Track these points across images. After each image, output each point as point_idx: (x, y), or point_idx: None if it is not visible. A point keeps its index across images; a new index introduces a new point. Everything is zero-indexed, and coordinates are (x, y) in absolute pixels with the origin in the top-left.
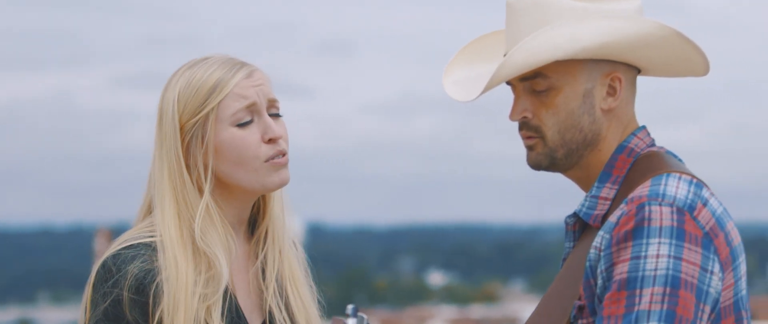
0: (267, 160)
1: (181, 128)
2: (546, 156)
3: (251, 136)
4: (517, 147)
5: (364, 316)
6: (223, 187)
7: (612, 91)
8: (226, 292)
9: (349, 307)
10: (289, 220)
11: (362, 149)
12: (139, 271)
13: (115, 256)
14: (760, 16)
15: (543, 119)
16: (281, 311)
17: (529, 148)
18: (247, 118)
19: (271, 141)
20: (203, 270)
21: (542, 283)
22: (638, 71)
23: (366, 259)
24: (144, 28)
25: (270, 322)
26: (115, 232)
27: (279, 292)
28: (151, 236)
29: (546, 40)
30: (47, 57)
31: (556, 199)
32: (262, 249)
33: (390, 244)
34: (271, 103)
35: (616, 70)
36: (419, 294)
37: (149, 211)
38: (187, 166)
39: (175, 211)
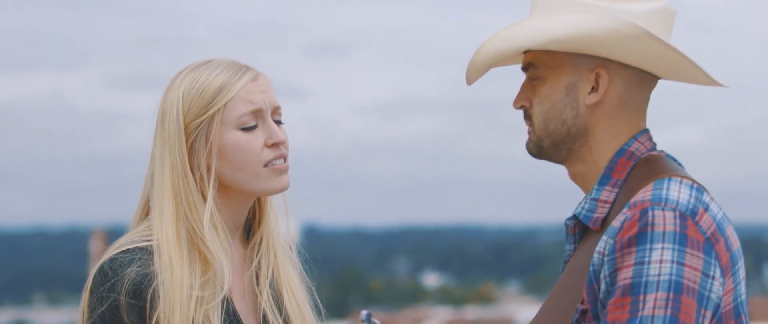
0: (267, 164)
1: (186, 128)
2: (534, 144)
3: (255, 140)
4: (512, 147)
5: (377, 322)
6: (222, 189)
7: (596, 87)
8: (224, 296)
9: (363, 313)
10: (285, 225)
11: (356, 150)
12: (136, 276)
13: (111, 260)
14: (756, 16)
15: (534, 108)
16: (276, 316)
17: (527, 135)
18: (253, 123)
19: (274, 145)
20: (199, 273)
21: (537, 285)
22: (654, 76)
23: (361, 260)
24: (137, 29)
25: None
26: (111, 233)
27: (274, 297)
28: (148, 240)
29: (521, 29)
30: (40, 58)
31: (551, 200)
32: (257, 254)
33: (385, 245)
34: (275, 110)
35: (604, 66)
36: (414, 295)
37: (146, 212)
38: (191, 167)
39: (174, 212)
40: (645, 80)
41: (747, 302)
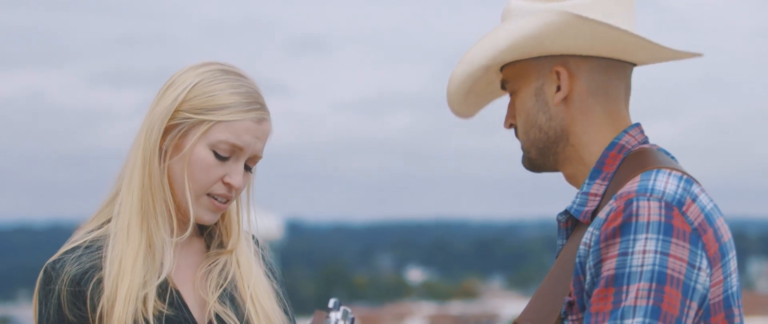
0: (211, 194)
1: (176, 111)
2: (525, 159)
3: (218, 169)
4: (494, 143)
5: (348, 310)
6: (170, 188)
7: (559, 85)
8: (166, 283)
9: (332, 301)
10: (254, 223)
11: (339, 146)
12: (76, 272)
13: (54, 261)
14: (734, 13)
15: (517, 123)
16: (231, 318)
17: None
18: (226, 155)
19: (228, 185)
20: (145, 254)
21: (521, 279)
22: (621, 62)
23: (345, 256)
24: (118, 26)
25: (218, 319)
26: None
27: (235, 304)
28: (93, 233)
29: (472, 51)
30: (21, 55)
31: (534, 195)
32: (216, 259)
33: (369, 241)
34: (253, 158)
35: (562, 64)
36: (398, 290)
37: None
38: (163, 140)
39: (141, 181)
40: (610, 67)
41: (740, 295)
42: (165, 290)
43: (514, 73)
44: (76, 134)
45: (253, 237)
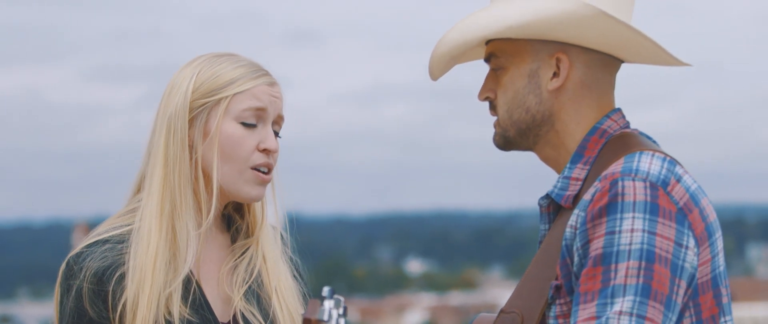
0: (254, 167)
1: (190, 104)
2: (501, 136)
3: (250, 138)
4: (492, 133)
5: (341, 298)
6: (205, 178)
7: (557, 72)
8: (189, 281)
9: (325, 289)
10: (274, 214)
11: (337, 138)
12: (98, 266)
13: (77, 254)
14: None
15: (498, 98)
16: (255, 316)
17: (493, 128)
18: (253, 122)
19: (265, 151)
20: (168, 252)
21: (521, 269)
22: (617, 59)
23: (344, 248)
24: (112, 22)
25: (242, 317)
26: (93, 226)
27: (263, 300)
28: (124, 226)
29: (477, 19)
30: (16, 53)
31: (532, 184)
32: (242, 254)
33: (368, 233)
34: (278, 119)
35: (564, 51)
36: (398, 282)
37: (139, 189)
38: (190, 139)
39: (162, 183)
40: (607, 63)
41: (726, 274)
42: (188, 289)
43: (506, 50)
44: (73, 131)
45: (281, 236)
